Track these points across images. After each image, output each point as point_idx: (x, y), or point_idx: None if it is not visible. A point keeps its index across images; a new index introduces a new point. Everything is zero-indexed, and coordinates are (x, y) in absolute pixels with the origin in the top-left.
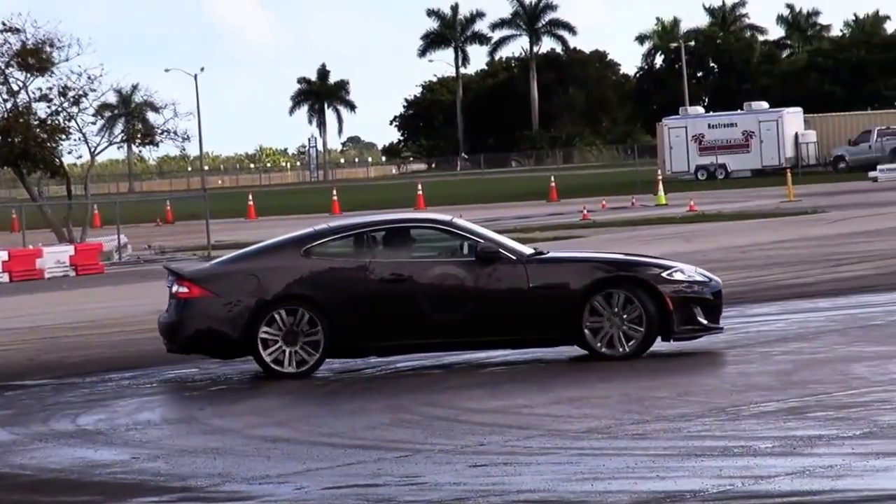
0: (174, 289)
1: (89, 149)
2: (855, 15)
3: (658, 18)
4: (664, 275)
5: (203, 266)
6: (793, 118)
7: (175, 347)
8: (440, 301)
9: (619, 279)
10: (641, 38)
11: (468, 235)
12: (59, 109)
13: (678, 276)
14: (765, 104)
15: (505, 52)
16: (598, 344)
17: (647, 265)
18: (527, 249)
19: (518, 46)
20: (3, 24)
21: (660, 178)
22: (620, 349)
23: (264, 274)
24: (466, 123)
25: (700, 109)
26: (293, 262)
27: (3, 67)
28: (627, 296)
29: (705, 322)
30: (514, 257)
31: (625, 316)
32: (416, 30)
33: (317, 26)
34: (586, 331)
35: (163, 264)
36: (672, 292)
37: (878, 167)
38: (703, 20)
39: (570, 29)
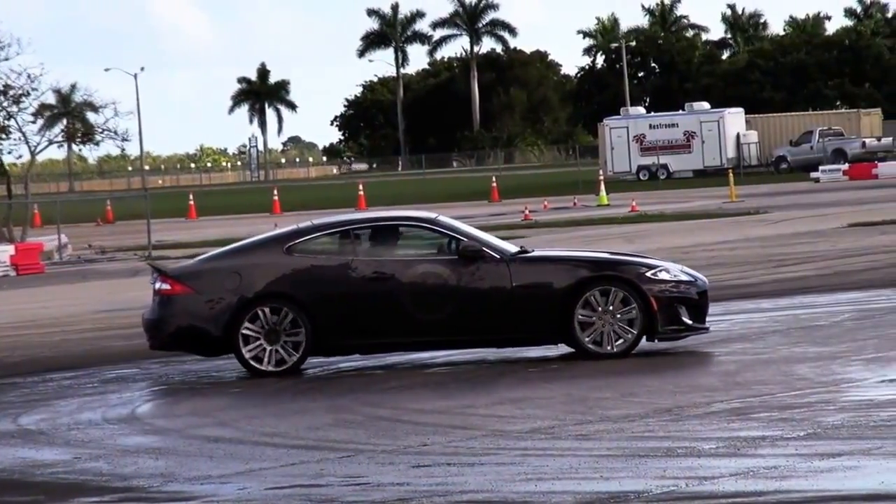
0: (157, 286)
1: (29, 148)
2: (791, 16)
3: (599, 18)
4: (649, 274)
5: (186, 263)
6: (734, 118)
7: (157, 344)
8: (423, 299)
9: (603, 278)
10: (584, 34)
11: (452, 234)
12: None
13: (663, 276)
14: (706, 104)
15: (445, 52)
16: (587, 341)
17: (631, 264)
18: (511, 248)
19: (458, 46)
20: None
21: (601, 178)
22: (609, 348)
23: (246, 271)
24: (407, 123)
25: (641, 110)
26: (276, 260)
27: None
28: (621, 295)
29: (690, 322)
30: (497, 256)
31: (618, 315)
32: (357, 29)
33: (257, 26)
34: (577, 327)
35: (147, 262)
36: (657, 292)
37: (820, 168)
38: (643, 20)
39: (511, 29)
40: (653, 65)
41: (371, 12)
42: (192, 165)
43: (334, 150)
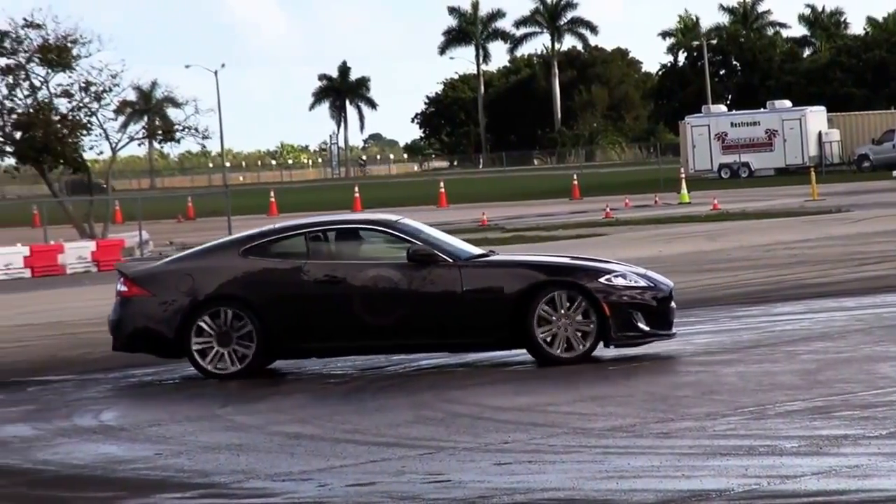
0: (117, 287)
1: (110, 145)
2: (869, 18)
3: (681, 16)
4: (602, 279)
5: (147, 265)
6: (816, 117)
7: (118, 345)
8: (373, 303)
9: (555, 284)
10: (665, 35)
11: (407, 238)
12: (81, 105)
13: (618, 282)
14: (788, 103)
15: (526, 50)
16: (544, 346)
17: (584, 270)
18: (474, 251)
19: (539, 44)
20: (25, 19)
21: (683, 176)
22: (565, 352)
23: (200, 274)
24: (488, 121)
25: (723, 108)
26: (230, 263)
27: (24, 63)
28: (575, 300)
29: (647, 328)
30: (450, 260)
31: (573, 320)
32: (437, 27)
33: (337, 23)
34: (533, 332)
35: (116, 263)
36: (610, 298)
37: None
38: (722, 18)
39: (591, 27)
40: (734, 63)
41: (452, 10)
42: (273, 162)
43: (415, 147)
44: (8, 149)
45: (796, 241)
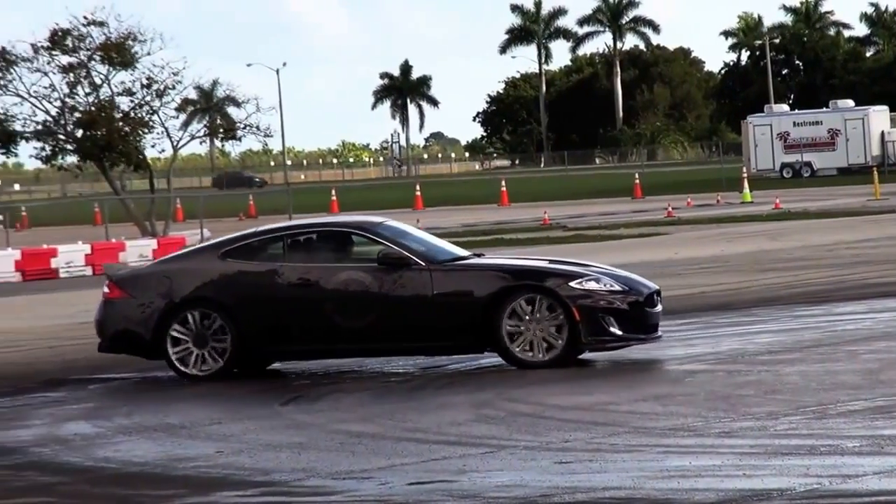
0: (103, 289)
1: (172, 143)
2: None
3: (741, 16)
4: (573, 283)
5: (131, 268)
6: (879, 116)
7: (102, 346)
8: (345, 307)
9: (524, 288)
10: (726, 34)
11: (382, 241)
12: (142, 103)
13: (589, 286)
14: (850, 102)
15: (588, 49)
16: (516, 351)
17: (555, 274)
18: (461, 253)
19: (601, 43)
20: (87, 17)
21: (745, 175)
22: (537, 356)
23: (177, 276)
24: (550, 120)
25: (785, 107)
26: (208, 265)
27: (86, 61)
28: (544, 304)
29: (619, 332)
30: (422, 264)
31: (543, 325)
32: (499, 25)
33: (399, 21)
34: (504, 336)
35: (102, 265)
36: (580, 302)
37: None
38: (784, 18)
39: (654, 26)
40: (797, 62)
41: (514, 8)
42: (334, 161)
43: (476, 146)
44: (70, 147)
45: (858, 241)
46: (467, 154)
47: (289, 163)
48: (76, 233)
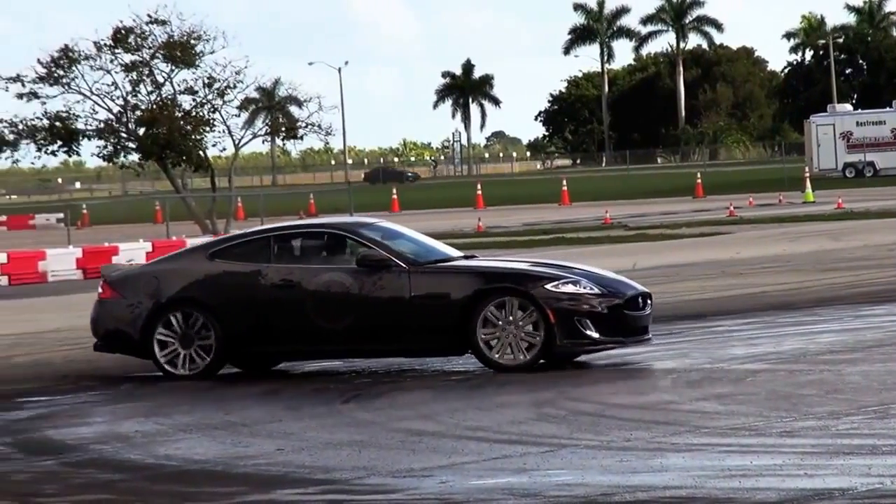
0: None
1: (233, 141)
2: None
3: (804, 16)
4: (549, 286)
5: (125, 268)
6: None
7: (97, 346)
8: (324, 308)
9: (500, 290)
10: (789, 35)
11: (365, 242)
12: (204, 101)
13: (566, 288)
14: None
15: (651, 48)
16: (491, 354)
17: (531, 276)
18: (453, 254)
19: (664, 42)
20: (149, 15)
21: (807, 175)
22: (511, 359)
23: (165, 277)
24: (612, 119)
25: (848, 107)
26: (195, 266)
27: (148, 59)
28: (517, 307)
29: (596, 336)
30: (402, 265)
31: (517, 327)
32: (561, 24)
33: (461, 21)
34: (479, 339)
35: (102, 266)
36: (555, 304)
37: None
38: (848, 18)
39: (717, 25)
40: (860, 62)
41: (577, 7)
42: (395, 160)
43: (538, 145)
44: (131, 145)
45: None
46: (528, 153)
47: (350, 161)
48: (137, 231)
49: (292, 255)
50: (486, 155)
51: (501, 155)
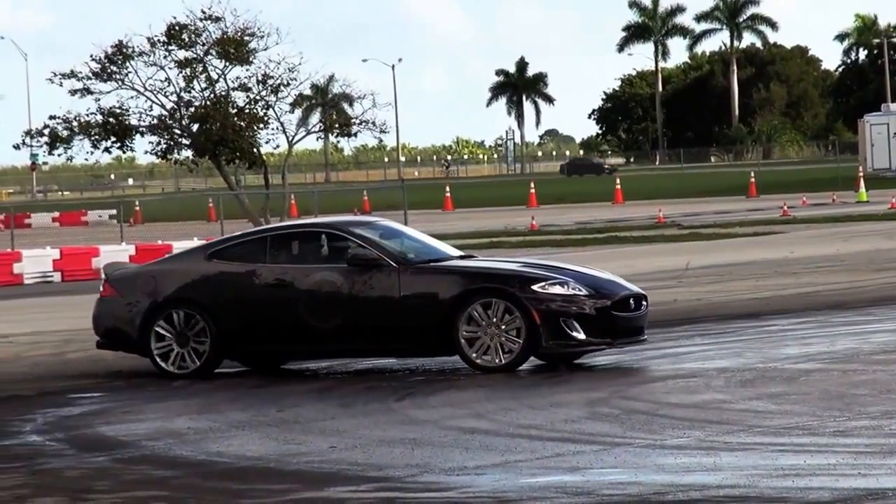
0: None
1: (287, 138)
2: None
3: (857, 15)
4: (535, 287)
5: (126, 267)
6: None
7: (99, 343)
8: (316, 307)
9: (486, 291)
10: (842, 37)
11: (358, 241)
12: (258, 98)
13: (553, 290)
14: None
15: (705, 47)
16: (473, 354)
17: (518, 277)
18: (452, 253)
19: (718, 41)
20: (203, 12)
21: (861, 174)
22: (494, 361)
23: (162, 276)
24: (665, 117)
25: None
26: (192, 266)
27: (202, 56)
28: (502, 307)
29: (582, 337)
30: (393, 265)
31: (501, 328)
32: (614, 22)
33: (515, 18)
34: (461, 340)
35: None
36: (541, 305)
37: None
38: None
39: (772, 24)
40: None
41: (632, 4)
42: (449, 157)
43: (591, 143)
44: (185, 141)
45: None
46: (582, 151)
47: (403, 159)
48: (190, 228)
49: (286, 255)
50: (540, 153)
51: (555, 153)
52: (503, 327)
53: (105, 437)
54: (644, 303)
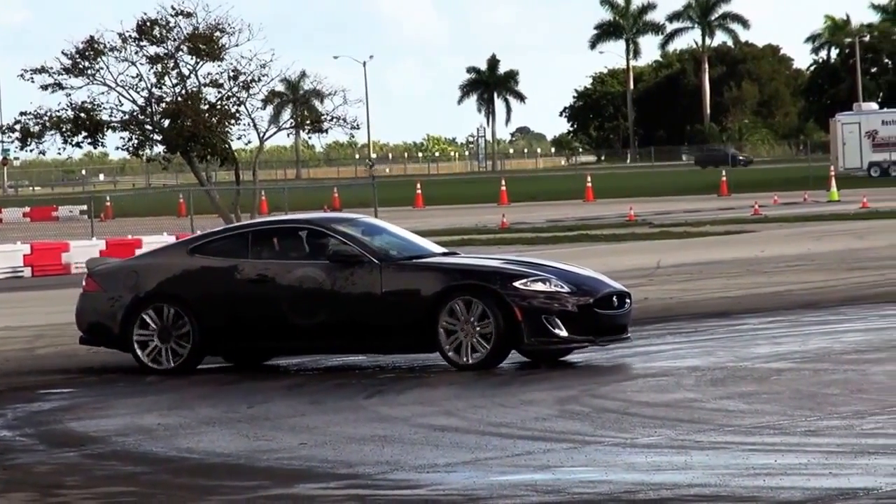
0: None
1: (258, 134)
2: None
3: (827, 16)
4: (517, 284)
5: (108, 262)
6: None
7: (82, 339)
8: (299, 304)
9: (466, 287)
10: (813, 39)
11: (339, 238)
12: (229, 94)
13: (535, 286)
14: None
15: (677, 45)
16: (447, 349)
17: (500, 273)
18: (436, 249)
19: (690, 39)
20: (174, 7)
21: (832, 174)
22: (466, 359)
23: (144, 271)
24: (637, 116)
25: (874, 105)
26: (174, 261)
27: (173, 51)
28: (482, 304)
29: (565, 334)
30: (375, 261)
31: (478, 326)
32: (587, 20)
33: (486, 15)
34: (441, 337)
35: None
36: (523, 302)
37: None
38: (873, 17)
39: (743, 22)
40: (886, 60)
41: (604, 2)
42: (419, 155)
43: (563, 141)
44: (156, 137)
45: None
46: (553, 149)
47: (374, 156)
48: (161, 224)
49: (268, 251)
50: (511, 151)
51: (526, 151)
52: (482, 323)
53: (75, 433)
54: (628, 300)
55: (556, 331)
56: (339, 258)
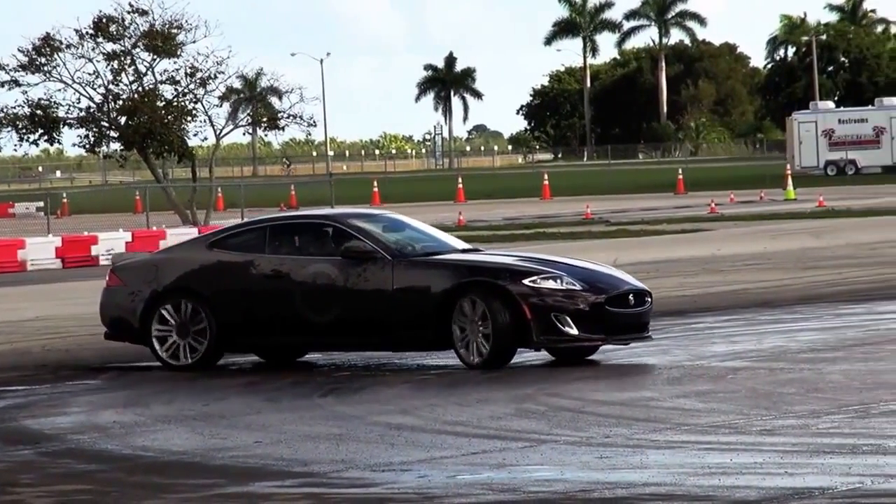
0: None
1: (215, 132)
2: None
3: (783, 16)
4: (527, 281)
5: (131, 256)
6: None
7: (107, 334)
8: (312, 300)
9: (476, 284)
10: (772, 41)
11: (351, 233)
12: (186, 91)
13: (545, 284)
14: None
15: (633, 43)
16: (459, 346)
17: (509, 271)
18: (459, 245)
19: (647, 37)
20: (131, 5)
21: (789, 172)
22: (473, 357)
23: (163, 266)
24: (594, 114)
25: (831, 104)
26: (193, 256)
27: (129, 48)
28: (491, 302)
29: (575, 332)
30: (387, 257)
31: (480, 325)
32: (544, 18)
33: (444, 13)
34: (455, 332)
35: (112, 255)
36: (533, 300)
37: None
38: (829, 16)
39: (700, 20)
40: (842, 59)
41: None
42: (377, 152)
43: (520, 139)
44: (113, 134)
45: None
46: (510, 147)
47: (331, 153)
48: (117, 220)
49: (285, 246)
50: (468, 148)
51: (483, 148)
52: (490, 321)
53: (30, 431)
54: (648, 299)
55: (567, 329)
56: (352, 254)
